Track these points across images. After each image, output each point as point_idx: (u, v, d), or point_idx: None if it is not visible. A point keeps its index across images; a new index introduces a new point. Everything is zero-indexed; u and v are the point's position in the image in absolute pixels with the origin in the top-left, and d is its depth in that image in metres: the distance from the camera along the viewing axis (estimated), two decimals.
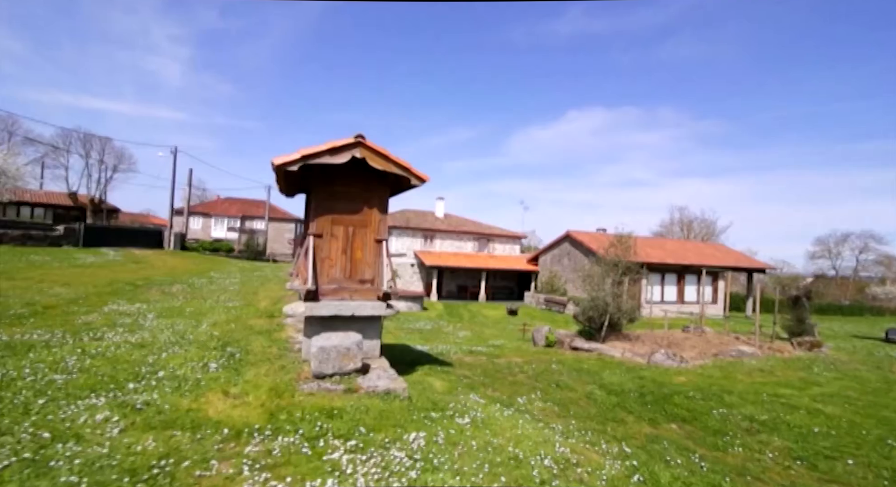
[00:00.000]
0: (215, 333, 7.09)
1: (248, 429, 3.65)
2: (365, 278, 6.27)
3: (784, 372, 8.98)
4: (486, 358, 9.64)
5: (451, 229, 34.18)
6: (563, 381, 7.26)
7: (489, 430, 4.36)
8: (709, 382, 7.63)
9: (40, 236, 23.35)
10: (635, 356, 9.61)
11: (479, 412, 5.02)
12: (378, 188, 6.36)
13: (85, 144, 40.52)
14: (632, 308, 11.96)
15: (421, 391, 5.80)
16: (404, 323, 18.83)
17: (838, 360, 10.83)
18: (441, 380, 6.70)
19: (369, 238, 6.32)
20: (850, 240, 52.60)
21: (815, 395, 7.24)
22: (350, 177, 6.19)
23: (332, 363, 5.18)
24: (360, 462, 3.32)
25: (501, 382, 6.98)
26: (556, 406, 5.76)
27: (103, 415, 3.62)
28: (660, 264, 26.40)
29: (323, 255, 6.06)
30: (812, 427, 5.57)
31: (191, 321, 7.75)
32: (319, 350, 5.14)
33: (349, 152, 5.74)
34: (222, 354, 5.86)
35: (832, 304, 39.33)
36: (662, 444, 4.68)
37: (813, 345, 12.04)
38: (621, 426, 5.23)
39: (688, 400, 6.37)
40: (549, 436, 4.46)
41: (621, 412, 5.79)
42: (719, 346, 11.41)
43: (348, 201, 6.23)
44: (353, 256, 6.22)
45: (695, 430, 5.33)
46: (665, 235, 50.72)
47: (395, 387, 5.08)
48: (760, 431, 5.38)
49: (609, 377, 7.75)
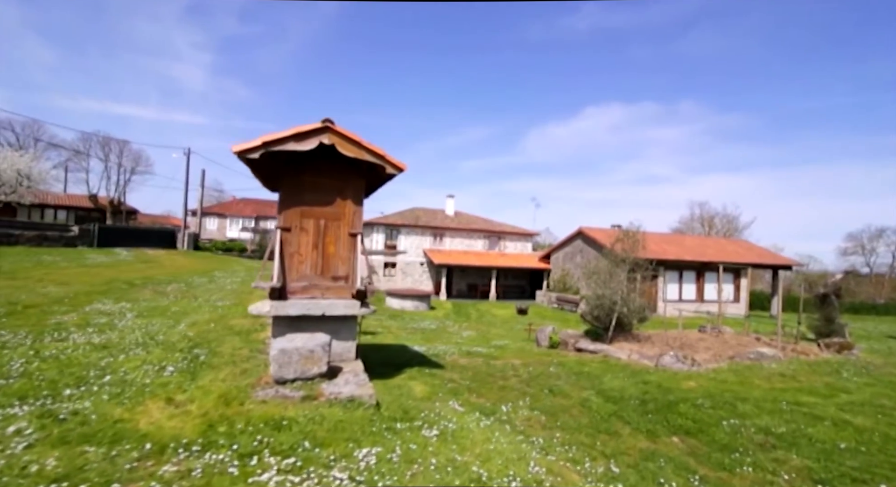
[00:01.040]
0: (190, 333, 6.77)
1: (175, 444, 3.24)
2: (338, 274, 5.84)
3: (808, 377, 8.19)
4: (482, 360, 9.13)
5: (461, 227, 33.62)
6: (559, 386, 6.70)
7: (457, 444, 3.87)
8: (721, 388, 6.94)
9: (55, 237, 23.80)
10: (643, 359, 8.94)
11: (453, 422, 4.53)
12: (352, 178, 5.92)
13: (104, 148, 41.55)
14: (641, 307, 11.24)
15: (396, 396, 5.34)
16: (409, 322, 18.41)
17: (871, 364, 9.91)
18: (424, 384, 6.23)
19: (343, 232, 5.88)
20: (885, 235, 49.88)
21: (843, 404, 6.49)
22: (321, 166, 5.77)
23: (294, 367, 4.76)
24: (291, 484, 2.88)
25: (490, 386, 6.46)
26: (543, 416, 5.22)
27: (17, 427, 3.26)
28: (677, 260, 25.37)
29: (292, 250, 5.65)
30: (838, 443, 4.89)
31: (169, 321, 7.46)
32: (279, 353, 4.73)
33: (316, 138, 5.31)
34: (186, 356, 5.51)
35: (865, 303, 37.24)
36: (658, 462, 4.10)
37: (842, 347, 11.10)
38: (614, 439, 4.65)
39: (695, 409, 5.73)
40: (526, 452, 3.94)
41: (617, 422, 5.20)
42: (737, 348, 10.61)
43: (319, 192, 5.81)
44: (325, 251, 5.80)
45: (699, 445, 4.71)
46: (685, 231, 49.06)
47: (362, 394, 4.63)
48: (776, 446, 4.73)
49: (610, 381, 7.14)
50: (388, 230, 31.68)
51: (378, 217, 32.11)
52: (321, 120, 5.33)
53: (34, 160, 32.34)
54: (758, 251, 30.38)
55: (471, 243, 33.67)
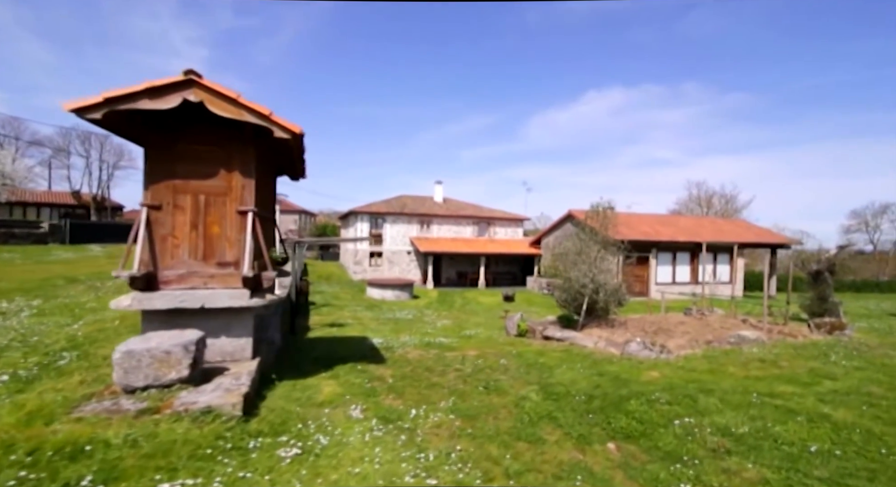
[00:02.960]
0: (80, 333, 5.97)
1: None
2: (225, 260, 4.96)
3: (791, 362, 7.33)
4: (436, 352, 8.32)
5: (449, 213, 32.67)
6: (499, 381, 5.87)
7: (313, 468, 3.05)
8: (687, 378, 6.10)
9: (23, 234, 23.06)
10: (609, 346, 8.10)
11: (335, 434, 3.71)
12: (239, 146, 5.01)
13: (83, 143, 40.57)
14: (616, 289, 10.36)
15: (291, 402, 4.52)
16: (386, 313, 17.62)
17: (864, 345, 9.04)
18: (340, 385, 5.41)
19: (229, 209, 4.99)
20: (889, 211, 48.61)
21: (825, 393, 5.64)
22: (197, 131, 4.85)
23: (145, 372, 3.92)
24: None
25: (418, 385, 5.64)
26: (459, 420, 4.39)
27: None
28: (669, 241, 24.40)
29: (164, 232, 4.78)
30: (808, 445, 4.05)
31: (68, 320, 6.66)
32: (124, 356, 3.89)
33: (178, 94, 4.39)
34: (44, 360, 4.70)
35: (868, 280, 36.27)
36: (575, 481, 3.26)
37: (834, 327, 10.23)
38: (534, 449, 3.82)
39: (647, 406, 4.89)
40: (402, 473, 3.11)
41: (547, 426, 4.37)
42: (719, 331, 9.75)
43: (197, 163, 4.90)
44: (207, 232, 4.92)
45: (638, 452, 3.88)
46: (682, 212, 47.90)
47: (223, 403, 3.80)
48: (732, 452, 3.89)
49: (562, 374, 6.31)
50: (373, 219, 30.77)
51: (362, 206, 31.18)
52: (183, 71, 4.42)
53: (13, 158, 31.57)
54: (756, 231, 29.33)
55: (459, 230, 32.75)
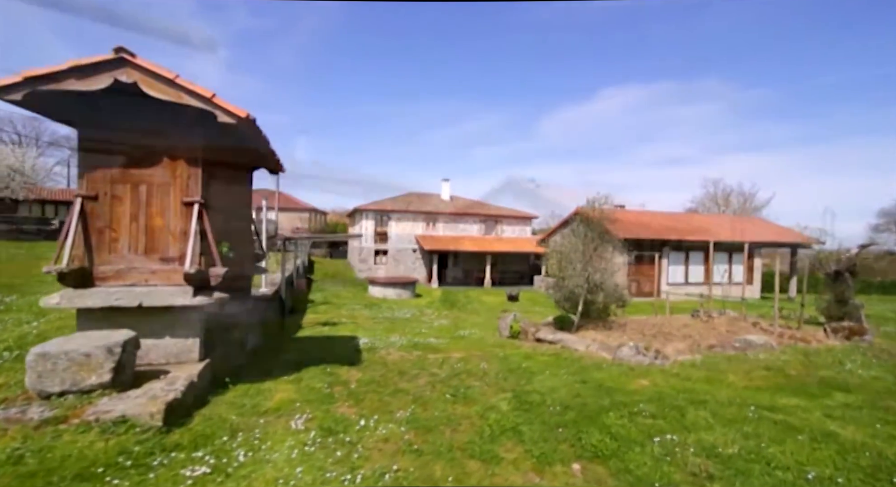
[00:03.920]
0: (35, 332, 5.73)
1: None
2: (169, 255, 4.63)
3: (800, 371, 6.70)
4: (419, 354, 7.92)
5: (455, 211, 32.23)
6: (472, 388, 5.42)
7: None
8: (679, 388, 5.55)
9: (33, 231, 23.45)
10: (601, 350, 7.56)
11: (261, 450, 3.33)
12: (184, 131, 4.67)
13: None
14: (615, 289, 9.79)
15: (229, 409, 4.16)
16: (384, 312, 17.30)
17: (886, 352, 8.30)
18: (296, 390, 5.04)
19: (174, 200, 4.65)
20: None
21: (834, 407, 5.04)
22: (135, 115, 4.52)
23: (61, 376, 3.60)
24: None
25: (383, 391, 5.23)
26: (412, 432, 3.96)
27: None
28: (681, 240, 23.52)
29: (101, 224, 4.46)
30: (806, 470, 3.50)
31: (30, 317, 6.45)
32: (38, 359, 3.57)
33: (108, 74, 4.05)
34: None
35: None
36: None
37: (852, 332, 9.47)
38: (484, 469, 3.37)
39: (627, 419, 4.39)
40: None
41: (509, 441, 3.91)
42: (725, 335, 9.11)
43: (138, 150, 4.58)
44: (149, 224, 4.59)
45: (605, 476, 3.39)
46: (699, 211, 46.48)
47: (141, 412, 3.44)
48: (715, 478, 3.38)
49: (543, 381, 5.82)
50: (379, 216, 30.52)
51: (368, 203, 30.96)
52: (113, 48, 4.08)
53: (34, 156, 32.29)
54: (774, 229, 28.13)
55: (466, 229, 32.28)
